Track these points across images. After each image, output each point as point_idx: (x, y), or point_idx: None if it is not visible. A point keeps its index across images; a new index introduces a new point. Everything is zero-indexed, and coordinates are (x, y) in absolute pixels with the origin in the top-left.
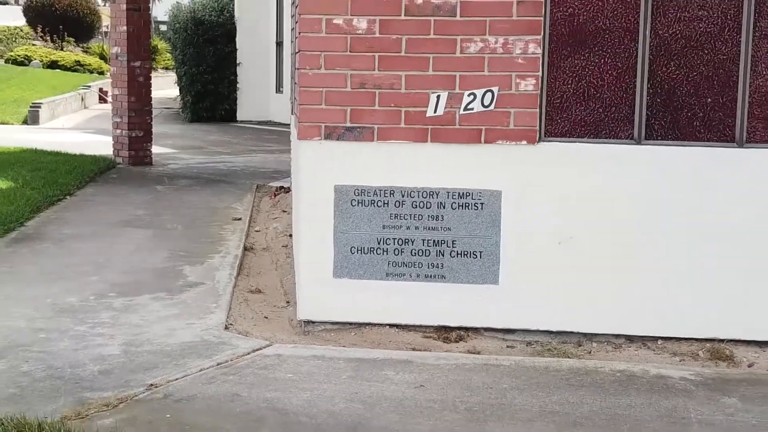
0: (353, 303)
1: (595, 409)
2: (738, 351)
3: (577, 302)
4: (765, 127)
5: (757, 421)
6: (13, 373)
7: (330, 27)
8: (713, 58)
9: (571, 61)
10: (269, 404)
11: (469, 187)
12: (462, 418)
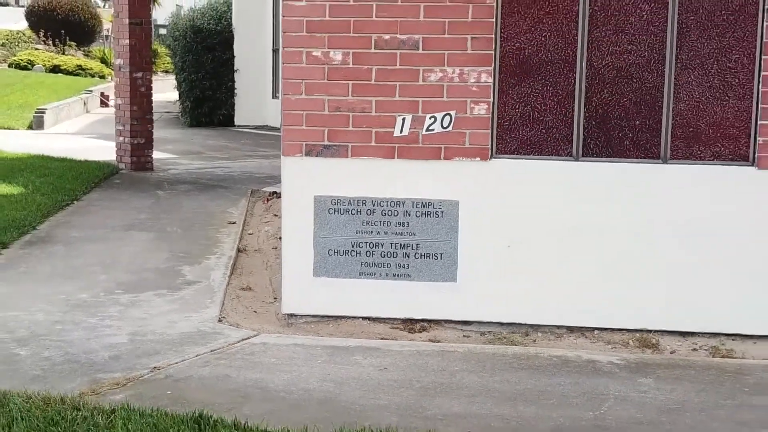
0: (331, 298)
1: (529, 387)
2: (663, 340)
3: (524, 297)
4: (685, 145)
5: (664, 398)
6: (37, 359)
7: (310, 59)
8: (641, 86)
9: (518, 89)
10: (254, 383)
11: (430, 198)
12: (415, 394)
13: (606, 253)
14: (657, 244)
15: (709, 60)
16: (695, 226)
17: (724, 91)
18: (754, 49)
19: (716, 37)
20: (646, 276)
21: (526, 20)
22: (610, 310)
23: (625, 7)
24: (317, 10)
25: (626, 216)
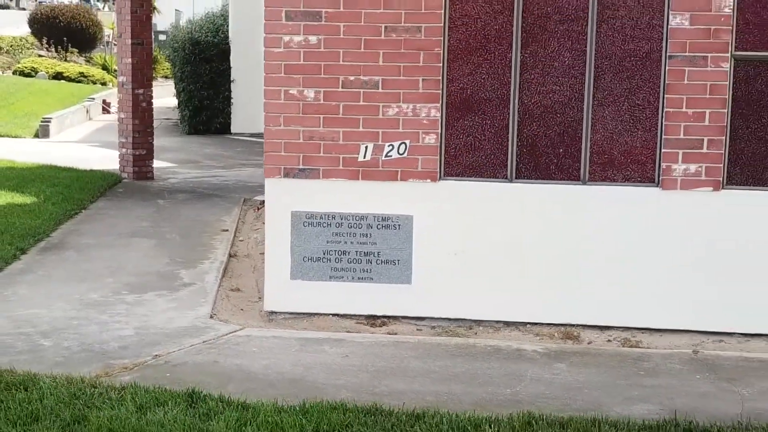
0: (305, 298)
1: (463, 370)
2: (584, 333)
3: (468, 297)
4: (602, 170)
5: (572, 378)
6: (58, 348)
7: (287, 96)
8: (564, 120)
9: (462, 122)
10: (238, 368)
11: (389, 213)
12: (369, 376)
13: (536, 258)
14: (579, 251)
15: (621, 98)
16: (611, 236)
17: (634, 124)
18: (658, 89)
19: (627, 79)
20: (570, 278)
21: (468, 65)
22: (540, 307)
23: (551, 54)
24: (293, 55)
25: (553, 228)
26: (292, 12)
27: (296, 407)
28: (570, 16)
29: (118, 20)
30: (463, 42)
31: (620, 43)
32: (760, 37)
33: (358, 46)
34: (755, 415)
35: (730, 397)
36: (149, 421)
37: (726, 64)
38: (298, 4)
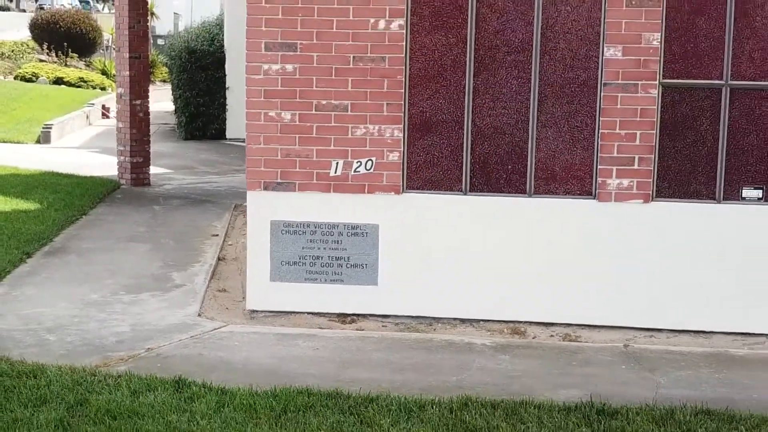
0: (283, 298)
1: (419, 361)
2: (530, 329)
3: (428, 296)
4: (545, 184)
5: (512, 368)
6: (62, 342)
7: (266, 118)
8: (512, 140)
9: (422, 141)
10: (220, 359)
11: (358, 222)
12: (336, 366)
13: (488, 262)
14: (526, 255)
15: (562, 121)
16: (553, 242)
17: (573, 144)
18: (594, 113)
19: (567, 103)
20: (518, 280)
21: (427, 91)
22: (491, 305)
23: (500, 81)
24: (272, 82)
25: (503, 235)
26: (270, 43)
27: (268, 392)
28: (516, 48)
29: (117, 35)
30: (422, 70)
31: (561, 72)
32: (684, 66)
33: (330, 73)
34: (664, 400)
35: (648, 384)
36: (141, 403)
37: (654, 91)
38: (276, 36)
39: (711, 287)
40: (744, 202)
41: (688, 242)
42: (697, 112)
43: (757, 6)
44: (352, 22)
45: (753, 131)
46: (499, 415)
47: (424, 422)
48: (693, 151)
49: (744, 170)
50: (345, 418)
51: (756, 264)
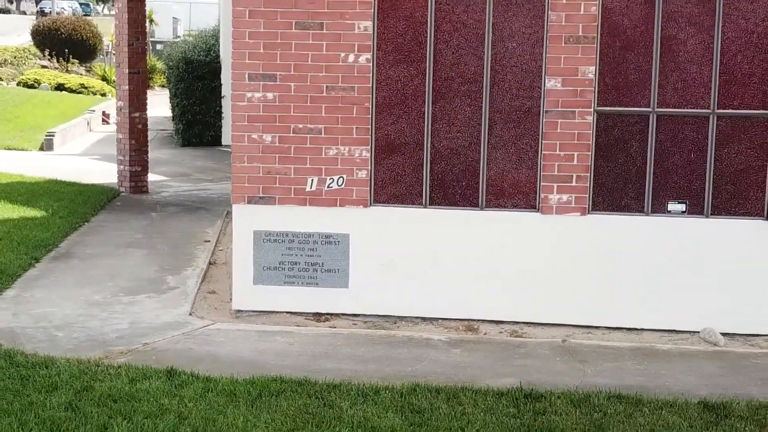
0: (265, 299)
1: (381, 354)
2: (483, 326)
3: (393, 297)
4: (495, 198)
5: (462, 360)
6: (69, 338)
7: (249, 140)
8: (465, 160)
9: (387, 161)
10: (208, 353)
11: (331, 232)
12: (308, 358)
13: (446, 267)
14: (479, 261)
15: (509, 143)
16: (503, 249)
17: (519, 164)
18: (537, 136)
19: (513, 128)
20: (472, 282)
21: (391, 116)
22: (449, 305)
23: (455, 108)
24: (254, 108)
25: (459, 243)
26: (253, 74)
27: (247, 380)
28: (469, 80)
29: (117, 51)
30: (387, 98)
31: (508, 101)
32: (616, 96)
33: (306, 101)
34: (587, 387)
35: (576, 374)
36: (138, 389)
37: (590, 117)
38: (258, 68)
39: (641, 289)
40: (669, 215)
41: (621, 250)
42: (628, 135)
43: (679, 43)
44: (325, 56)
45: (677, 152)
46: (442, 398)
47: (377, 404)
48: (624, 169)
49: (669, 187)
50: (311, 401)
51: (681, 269)
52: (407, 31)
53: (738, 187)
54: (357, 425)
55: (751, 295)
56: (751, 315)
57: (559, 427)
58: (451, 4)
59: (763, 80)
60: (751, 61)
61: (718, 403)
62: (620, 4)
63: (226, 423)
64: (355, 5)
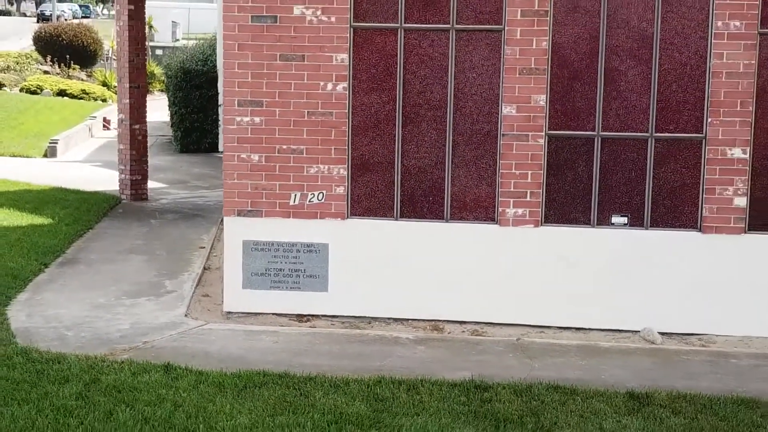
0: (253, 302)
1: (353, 351)
2: (448, 326)
3: (367, 300)
4: (458, 212)
5: (425, 355)
6: (77, 337)
7: (239, 159)
8: (432, 177)
9: (362, 178)
10: (200, 350)
11: (312, 242)
12: (290, 354)
13: (415, 272)
14: (444, 267)
15: (471, 163)
16: (465, 257)
17: (480, 181)
18: (495, 156)
19: (474, 149)
20: (438, 286)
21: (366, 138)
22: (417, 307)
23: (422, 131)
24: (243, 131)
25: (426, 252)
26: (242, 100)
27: (234, 373)
28: (435, 106)
29: (118, 67)
30: (362, 122)
31: (470, 125)
32: (564, 120)
33: (289, 124)
34: (532, 379)
35: (524, 368)
36: (139, 381)
37: (542, 140)
38: (246, 95)
39: (589, 293)
40: (613, 227)
41: (570, 258)
42: (575, 156)
43: (621, 74)
44: (306, 85)
45: (619, 171)
46: (403, 389)
47: (346, 394)
48: (572, 186)
49: (613, 202)
50: (289, 392)
51: (623, 275)
52: (379, 63)
53: (674, 202)
54: (327, 411)
55: (686, 298)
56: (686, 316)
57: (500, 412)
58: (418, 39)
59: (695, 107)
60: (684, 90)
61: (642, 393)
62: (568, 39)
63: (215, 410)
64: (333, 40)
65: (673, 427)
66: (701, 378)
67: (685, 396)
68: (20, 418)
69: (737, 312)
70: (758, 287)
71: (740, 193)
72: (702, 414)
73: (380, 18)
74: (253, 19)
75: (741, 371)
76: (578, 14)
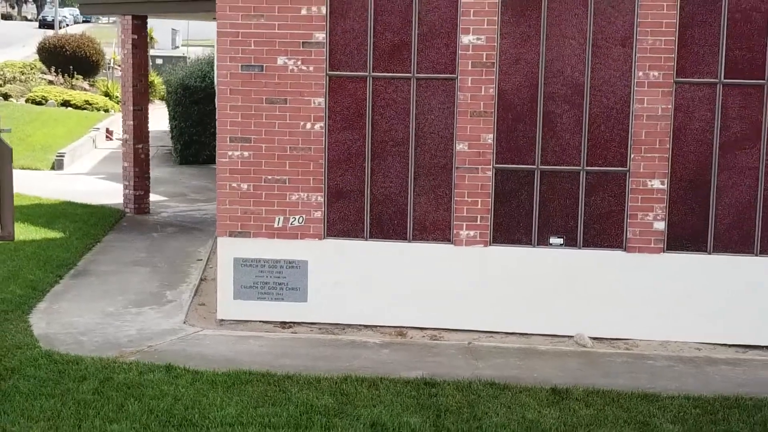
0: (242, 311)
1: (328, 354)
2: (410, 332)
3: (342, 309)
4: (420, 233)
5: (388, 358)
6: (91, 342)
7: (231, 187)
8: (397, 203)
9: (337, 204)
10: (197, 353)
11: (294, 259)
12: (273, 356)
13: (382, 285)
14: (407, 281)
15: (430, 191)
16: (425, 272)
17: (437, 207)
18: (451, 186)
19: (433, 180)
20: (402, 297)
21: (340, 170)
22: (384, 315)
23: (389, 164)
24: (234, 163)
25: (392, 268)
26: (233, 137)
27: (225, 372)
28: (399, 142)
29: (122, 91)
30: (336, 156)
31: (429, 158)
32: (509, 156)
33: (274, 158)
34: (475, 377)
35: (470, 368)
36: (145, 379)
37: (489, 172)
38: (237, 132)
39: (531, 303)
40: (551, 247)
41: (515, 272)
42: (519, 186)
43: (557, 116)
44: (288, 124)
45: (556, 199)
46: (365, 385)
47: (317, 390)
48: (516, 212)
49: (550, 225)
50: (270, 388)
51: (560, 287)
52: (351, 106)
53: (603, 225)
54: (300, 404)
55: (614, 308)
56: (614, 323)
57: (443, 405)
58: (384, 85)
59: (620, 144)
60: (611, 130)
61: (563, 389)
62: (512, 86)
63: (208, 403)
64: (311, 86)
65: (583, 417)
66: (618, 377)
67: (599, 391)
68: (47, 410)
69: (657, 319)
70: (675, 298)
71: (659, 218)
72: (609, 406)
73: (352, 68)
74: (242, 68)
75: (654, 371)
76: (520, 65)
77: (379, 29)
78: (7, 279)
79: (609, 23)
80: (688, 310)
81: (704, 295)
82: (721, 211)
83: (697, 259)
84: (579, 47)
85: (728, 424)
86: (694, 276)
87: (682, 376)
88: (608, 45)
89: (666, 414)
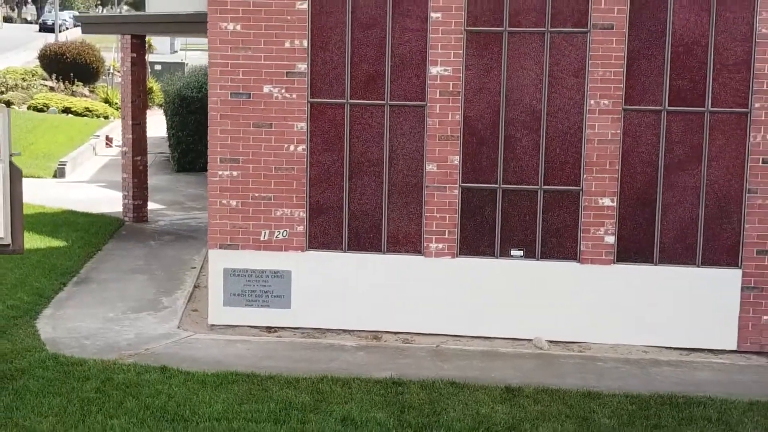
0: (231, 316)
1: (308, 356)
2: (385, 336)
3: (322, 315)
4: (393, 246)
5: (363, 361)
6: (93, 345)
7: (221, 204)
8: (372, 218)
9: (318, 219)
10: (189, 355)
11: (278, 269)
12: (257, 359)
13: (359, 293)
14: (382, 289)
15: (402, 207)
16: (398, 281)
17: (409, 222)
18: (421, 202)
19: (405, 197)
20: (377, 303)
21: (320, 188)
22: (361, 320)
23: (365, 183)
24: (224, 182)
25: (368, 277)
26: (223, 158)
27: (214, 373)
28: (374, 163)
29: (122, 106)
30: (318, 175)
31: (401, 178)
32: (473, 176)
33: (260, 177)
34: (439, 377)
35: (436, 369)
36: (142, 379)
37: (456, 190)
38: (227, 153)
39: (494, 309)
40: (512, 258)
41: (479, 281)
42: (483, 202)
43: (517, 140)
44: (273, 146)
45: (516, 215)
46: (339, 384)
47: (296, 389)
48: (480, 226)
49: (512, 239)
50: (253, 387)
51: (521, 294)
52: (331, 130)
53: (558, 239)
54: (280, 401)
55: (569, 314)
56: (569, 327)
57: (407, 402)
58: (361, 111)
59: (574, 166)
60: (565, 152)
61: (517, 387)
62: (476, 114)
63: (198, 400)
64: (294, 112)
65: (531, 412)
66: (569, 376)
67: (548, 390)
68: (55, 406)
69: (608, 324)
70: (624, 305)
71: (609, 232)
72: (555, 403)
73: (331, 95)
74: (232, 95)
75: (602, 371)
76: (483, 94)
77: (356, 61)
78: (15, 286)
79: (563, 56)
80: (636, 316)
81: (651, 302)
82: (666, 226)
83: (645, 270)
84: (536, 78)
85: (659, 419)
86: (641, 285)
87: (627, 376)
88: (563, 76)
89: (604, 410)
